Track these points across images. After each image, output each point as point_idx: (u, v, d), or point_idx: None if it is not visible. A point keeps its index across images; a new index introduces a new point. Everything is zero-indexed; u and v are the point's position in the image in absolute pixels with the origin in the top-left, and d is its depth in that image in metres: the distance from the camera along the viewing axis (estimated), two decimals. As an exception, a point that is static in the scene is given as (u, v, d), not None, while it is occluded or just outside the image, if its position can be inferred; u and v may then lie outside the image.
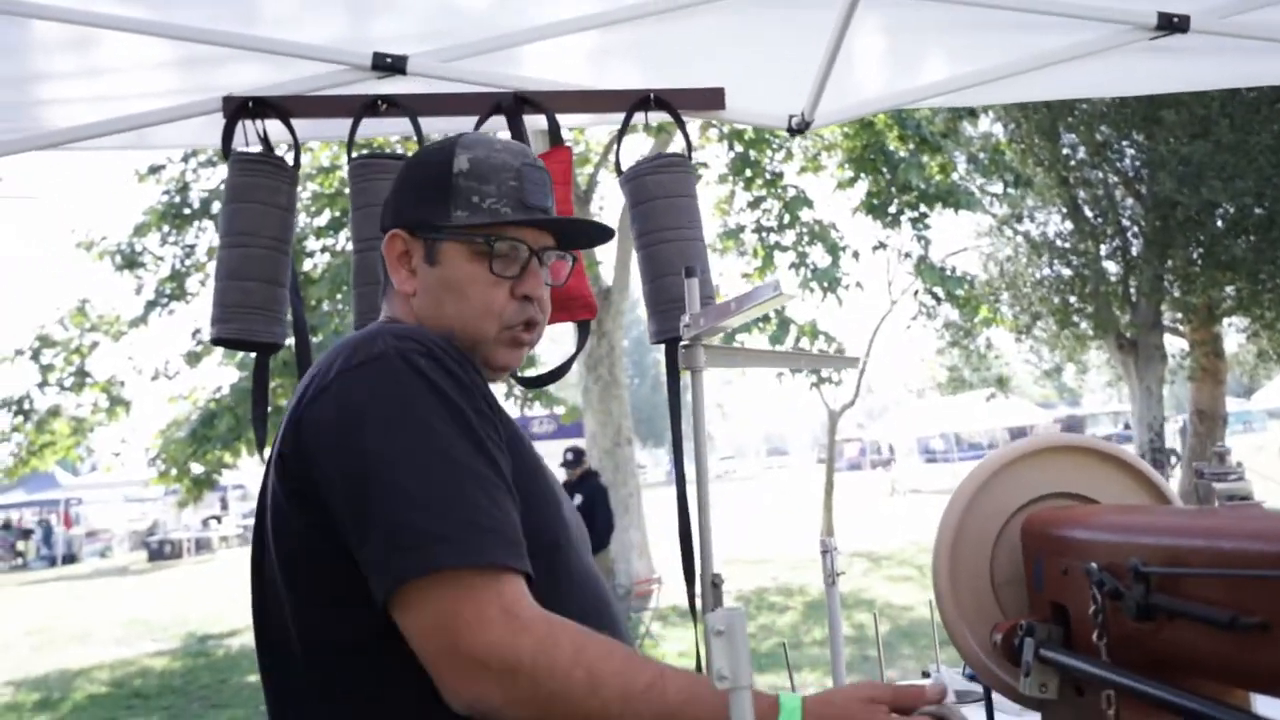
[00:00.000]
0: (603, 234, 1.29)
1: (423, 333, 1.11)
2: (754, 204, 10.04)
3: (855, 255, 9.92)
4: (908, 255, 10.32)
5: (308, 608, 1.07)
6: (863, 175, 9.66)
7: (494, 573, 0.97)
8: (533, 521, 1.06)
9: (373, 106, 2.08)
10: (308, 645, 1.07)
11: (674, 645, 7.37)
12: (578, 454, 7.74)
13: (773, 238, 9.88)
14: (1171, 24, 2.18)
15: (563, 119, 2.15)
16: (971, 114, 10.43)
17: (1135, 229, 12.97)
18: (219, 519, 27.83)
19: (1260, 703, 0.92)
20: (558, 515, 1.14)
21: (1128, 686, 0.85)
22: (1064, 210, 13.39)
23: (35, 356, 10.11)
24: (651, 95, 2.13)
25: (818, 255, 9.67)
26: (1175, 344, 14.54)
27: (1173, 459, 14.88)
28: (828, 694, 1.02)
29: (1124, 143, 12.54)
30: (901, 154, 9.37)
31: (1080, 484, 1.13)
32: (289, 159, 2.11)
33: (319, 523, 1.03)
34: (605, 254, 10.49)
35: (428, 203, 1.18)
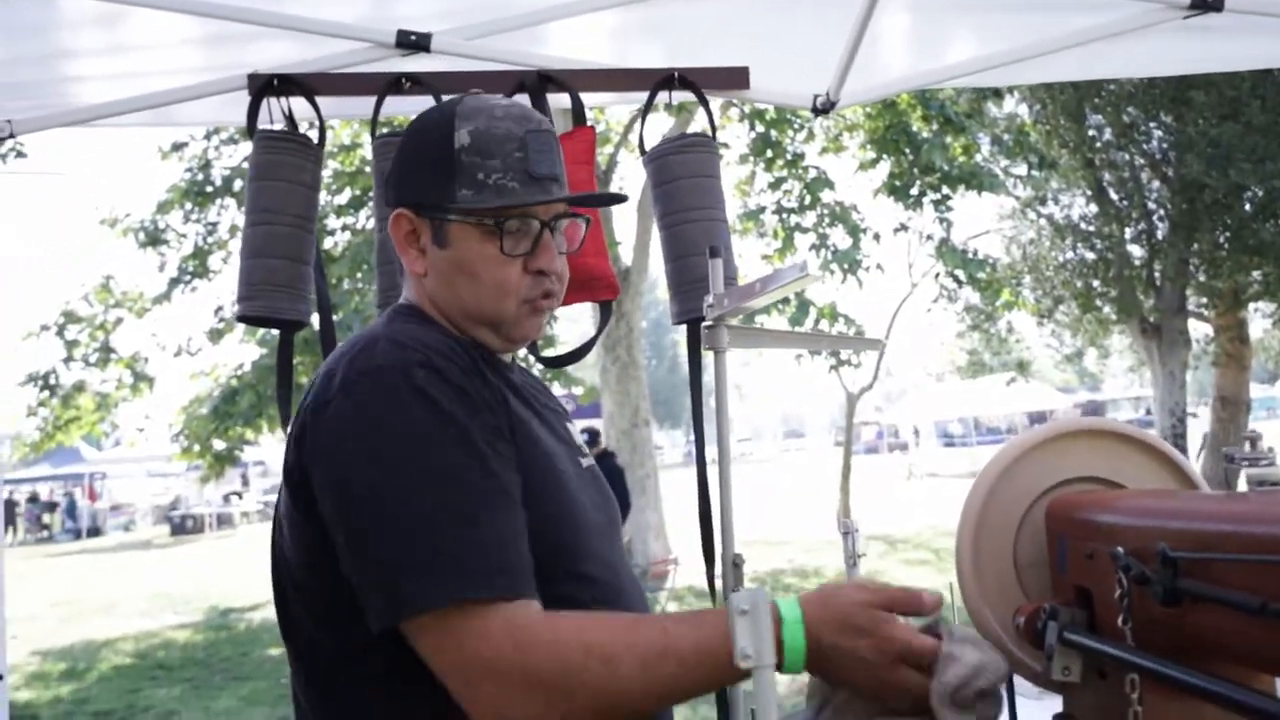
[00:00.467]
0: (614, 199, 1.26)
1: (424, 339, 1.08)
2: (775, 185, 9.98)
3: (876, 237, 9.86)
4: (929, 237, 10.25)
5: (311, 608, 1.09)
6: (885, 156, 9.57)
7: (498, 601, 0.96)
8: (542, 522, 1.05)
9: (396, 85, 2.09)
10: (313, 641, 1.10)
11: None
12: (593, 435, 7.78)
13: (793, 219, 9.83)
14: (1205, 3, 2.14)
15: (586, 98, 2.14)
16: (996, 95, 10.32)
17: (1161, 212, 12.80)
18: (240, 494, 28.16)
19: (1285, 688, 0.91)
20: (569, 513, 1.12)
21: (1153, 670, 0.85)
22: (1089, 193, 13.23)
23: (60, 332, 10.22)
24: (676, 74, 2.12)
25: (838, 237, 9.61)
26: (1199, 329, 14.38)
27: (1203, 441, 14.75)
28: (822, 594, 1.00)
29: (1151, 124, 12.36)
30: (924, 135, 9.28)
31: (1106, 469, 1.12)
32: (313, 136, 2.11)
33: (320, 533, 1.04)
34: (624, 234, 10.49)
35: (431, 182, 1.13)
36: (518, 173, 1.12)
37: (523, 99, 2.11)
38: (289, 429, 1.10)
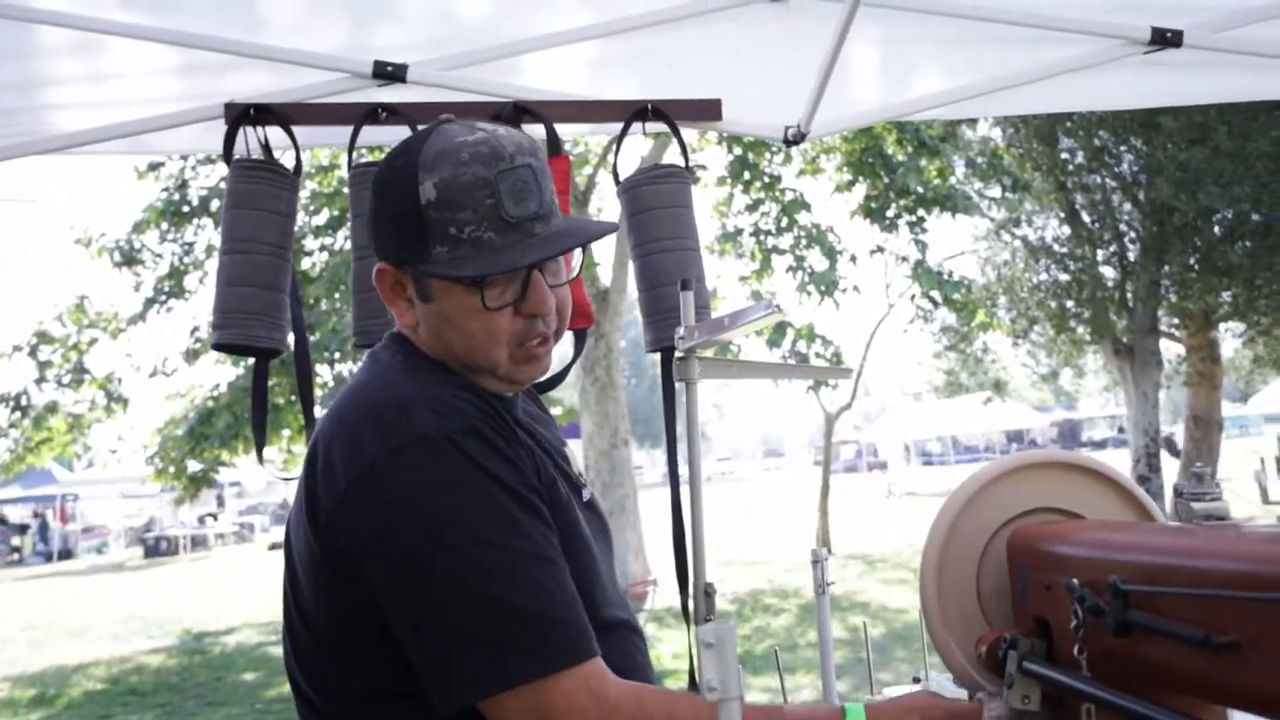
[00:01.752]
0: (602, 231, 1.19)
1: (465, 404, 1.06)
2: (752, 207, 10.06)
3: (853, 259, 9.95)
4: (905, 259, 10.35)
5: (331, 655, 1.08)
6: (861, 179, 9.68)
7: (576, 666, 0.98)
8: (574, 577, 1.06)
9: (373, 114, 2.10)
10: (330, 686, 1.10)
11: (668, 647, 7.39)
12: None
13: (770, 241, 9.90)
14: (1165, 39, 2.20)
15: (561, 128, 2.17)
16: (970, 119, 10.46)
17: (1132, 234, 13.01)
18: (215, 516, 27.88)
19: (1236, 717, 0.94)
20: (590, 569, 1.13)
21: (1106, 700, 0.87)
22: (1062, 215, 13.43)
23: (33, 353, 10.11)
24: (649, 105, 2.16)
25: (815, 259, 9.69)
26: (1171, 349, 14.60)
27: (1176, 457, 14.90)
28: (884, 705, 1.06)
29: (1122, 148, 12.58)
30: (900, 158, 9.40)
31: (1066, 499, 1.15)
32: (290, 165, 2.13)
33: (364, 601, 1.02)
34: (603, 256, 10.52)
35: (404, 239, 1.09)
36: (492, 221, 1.05)
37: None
38: (310, 492, 1.06)
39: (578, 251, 1.18)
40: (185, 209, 9.84)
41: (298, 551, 1.10)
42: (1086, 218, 13.31)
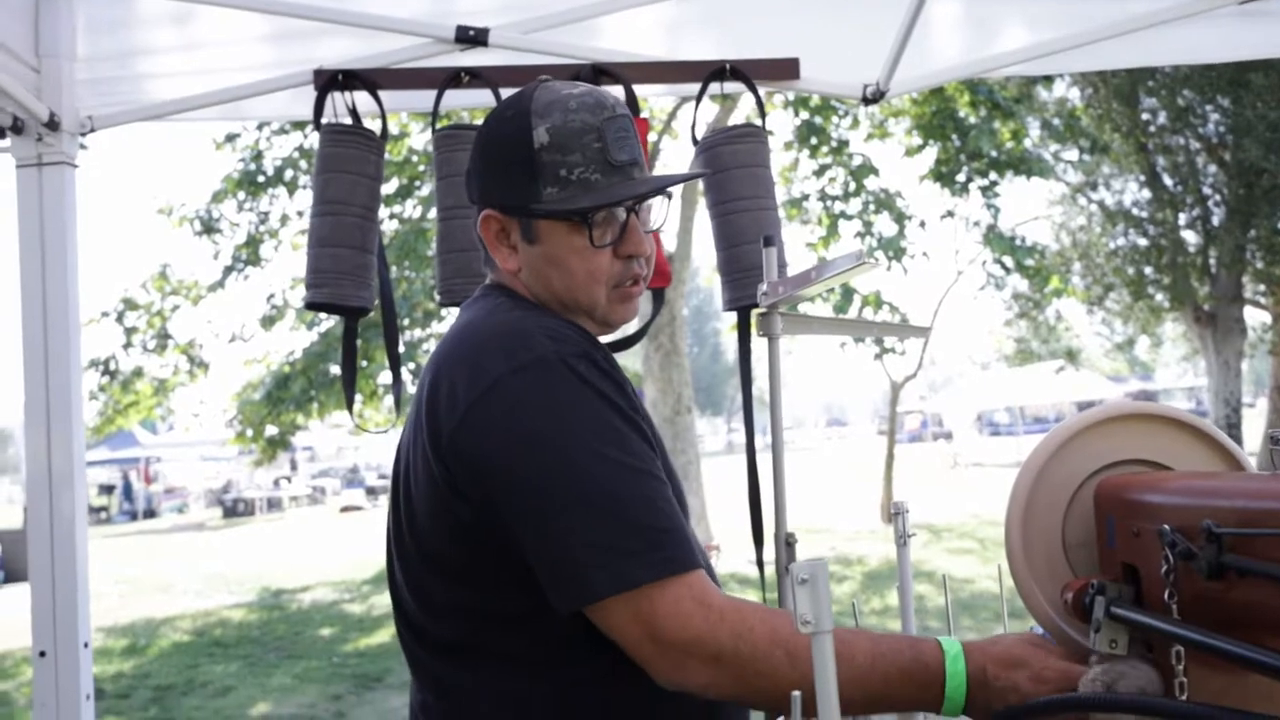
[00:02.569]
0: (695, 176, 1.36)
1: (573, 333, 1.13)
2: (819, 172, 9.95)
3: (922, 224, 9.79)
4: (976, 224, 10.15)
5: (456, 586, 1.13)
6: (931, 142, 9.49)
7: (683, 574, 1.03)
8: None
9: (456, 79, 2.15)
10: (454, 618, 1.14)
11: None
12: None
13: (838, 206, 9.79)
14: (1262, -12, 2.13)
15: (640, 89, 2.19)
16: (1046, 79, 10.15)
17: (1217, 197, 12.53)
18: (289, 479, 28.75)
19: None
20: (681, 499, 1.17)
21: (1199, 641, 0.88)
22: (1141, 178, 12.99)
23: (120, 319, 10.51)
24: (727, 66, 2.16)
25: (883, 224, 9.56)
26: (1256, 317, 14.07)
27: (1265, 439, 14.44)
28: (987, 638, 1.09)
29: (1208, 107, 12.09)
30: (972, 120, 9.18)
31: (1155, 451, 1.15)
32: (376, 129, 2.19)
33: (486, 520, 1.08)
34: (667, 223, 10.50)
35: (515, 183, 1.16)
36: (599, 164, 1.14)
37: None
38: (433, 416, 1.10)
39: (663, 203, 1.25)
40: (260, 179, 10.08)
41: (416, 483, 1.14)
42: (1168, 180, 12.85)
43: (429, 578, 1.15)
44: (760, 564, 2.01)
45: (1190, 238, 12.97)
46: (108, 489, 27.05)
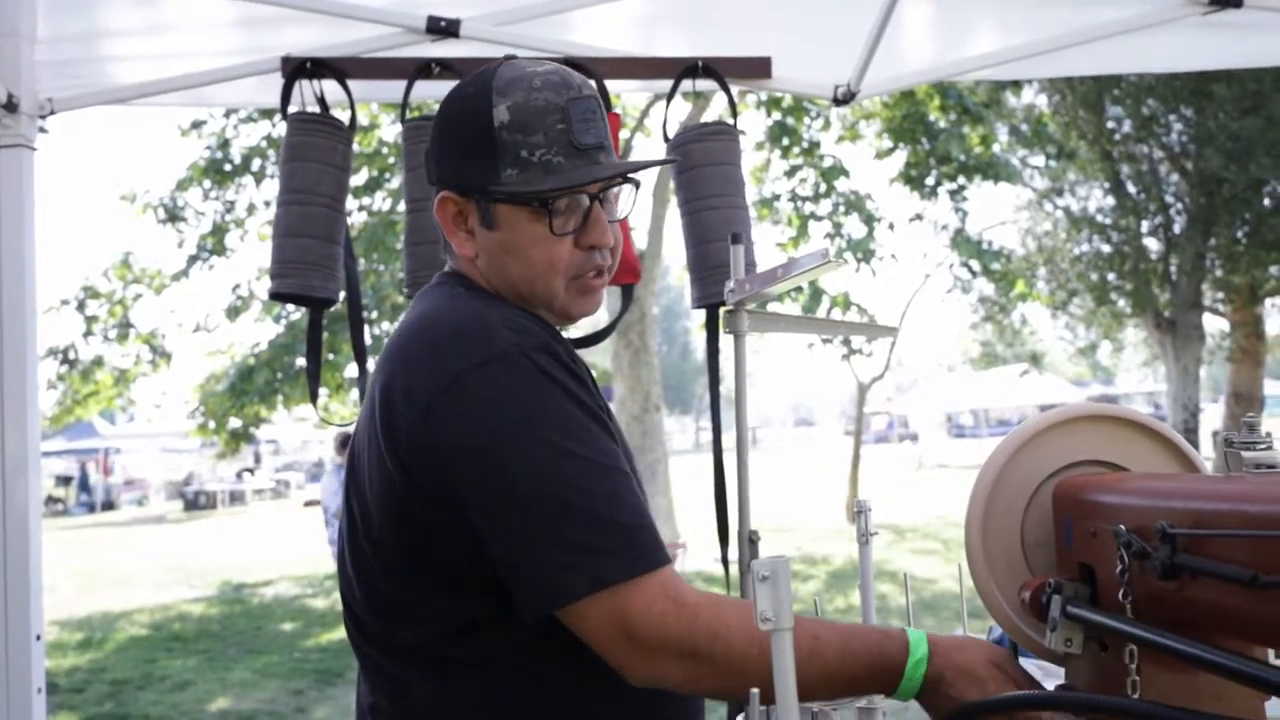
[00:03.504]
0: (662, 162, 1.29)
1: (533, 325, 1.08)
2: (790, 173, 10.00)
3: (891, 226, 9.87)
4: (944, 227, 10.26)
5: (416, 590, 1.08)
6: (901, 145, 9.58)
7: (654, 571, 1.01)
8: None
9: (427, 69, 2.13)
10: (413, 622, 1.09)
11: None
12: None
13: (808, 207, 9.85)
14: None
15: (611, 85, 2.19)
16: (1015, 85, 10.27)
17: (1179, 206, 12.74)
18: (252, 471, 28.41)
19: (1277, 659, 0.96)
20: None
21: (1151, 640, 0.90)
22: (1106, 185, 13.17)
23: (80, 307, 10.32)
24: (700, 63, 2.16)
25: (853, 225, 9.63)
26: (1214, 324, 14.33)
27: (1214, 438, 14.70)
28: (958, 639, 1.09)
29: (1171, 117, 12.29)
30: (942, 124, 9.28)
31: (1112, 453, 1.16)
32: (344, 119, 2.16)
33: (446, 522, 1.04)
34: (638, 220, 10.51)
35: (473, 163, 1.10)
36: (562, 145, 1.08)
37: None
38: (389, 414, 1.06)
39: (630, 192, 1.20)
40: (227, 167, 9.95)
41: (371, 482, 1.09)
42: (1132, 188, 13.05)
43: (384, 579, 1.10)
44: (725, 562, 2.02)
45: (1152, 245, 13.19)
46: (65, 480, 26.57)
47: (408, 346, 1.09)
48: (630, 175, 1.16)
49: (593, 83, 1.16)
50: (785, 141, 9.61)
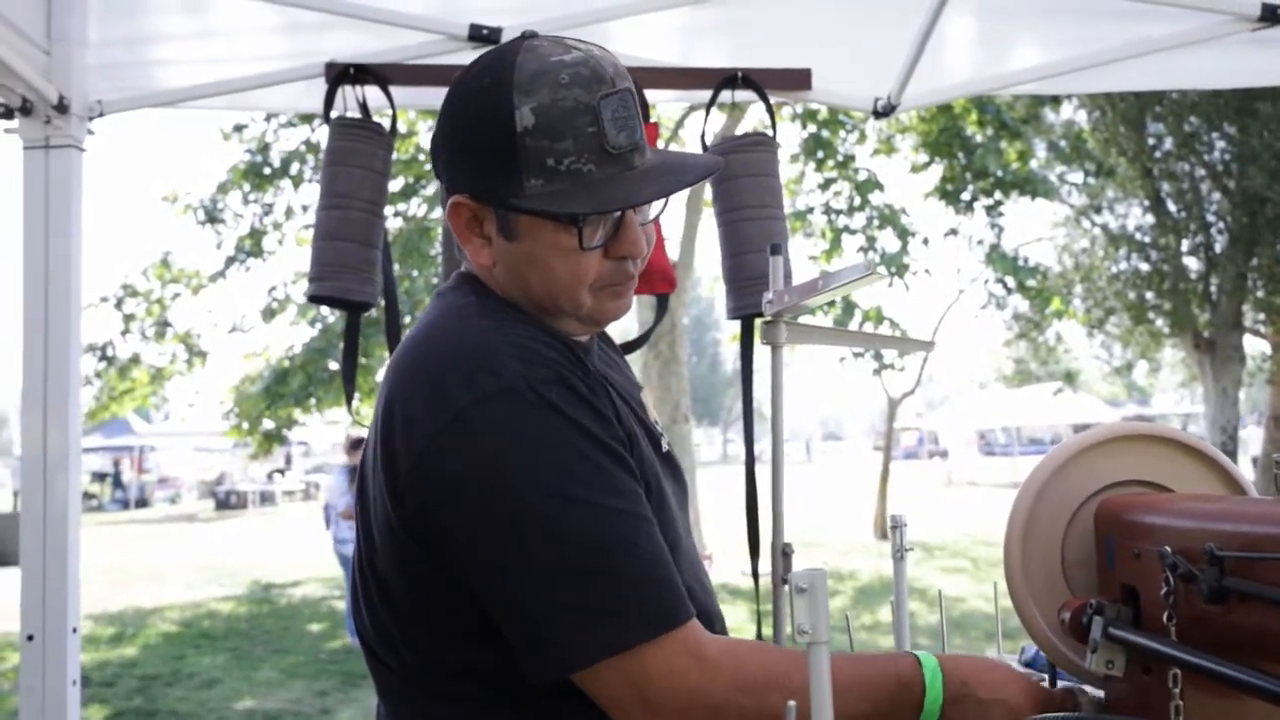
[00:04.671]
0: (707, 171, 1.08)
1: (548, 350, 0.98)
2: (824, 185, 9.96)
3: (925, 241, 9.80)
4: (980, 243, 10.17)
5: (416, 630, 1.02)
6: (937, 159, 9.51)
7: (675, 628, 0.93)
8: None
9: (467, 76, 2.15)
10: (414, 657, 1.03)
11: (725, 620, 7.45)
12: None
13: (842, 220, 9.80)
14: (1275, 15, 2.13)
15: (651, 95, 2.19)
16: (1054, 100, 10.18)
17: (1220, 225, 12.55)
18: (283, 473, 28.69)
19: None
20: (671, 528, 1.06)
21: (1197, 664, 0.88)
22: (1146, 203, 13.00)
23: (119, 305, 10.49)
24: (739, 74, 2.16)
25: (887, 240, 9.58)
26: (1255, 346, 14.08)
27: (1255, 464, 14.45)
28: (954, 655, 1.04)
29: (1214, 134, 12.11)
30: (979, 139, 9.21)
31: (1155, 473, 1.14)
32: (385, 125, 2.19)
33: (440, 564, 0.96)
34: (670, 230, 10.51)
35: (493, 171, 0.97)
36: (593, 150, 0.96)
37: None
38: (388, 445, 0.98)
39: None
40: (266, 171, 10.09)
41: (374, 513, 1.02)
42: (1172, 206, 12.87)
43: (382, 607, 1.03)
44: (755, 574, 2.01)
45: (1192, 264, 13.00)
46: (100, 476, 26.98)
47: (410, 371, 1.00)
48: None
49: (624, 68, 1.01)
50: (820, 154, 9.58)
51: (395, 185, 10.05)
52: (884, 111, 2.32)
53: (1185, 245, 12.94)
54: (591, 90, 0.96)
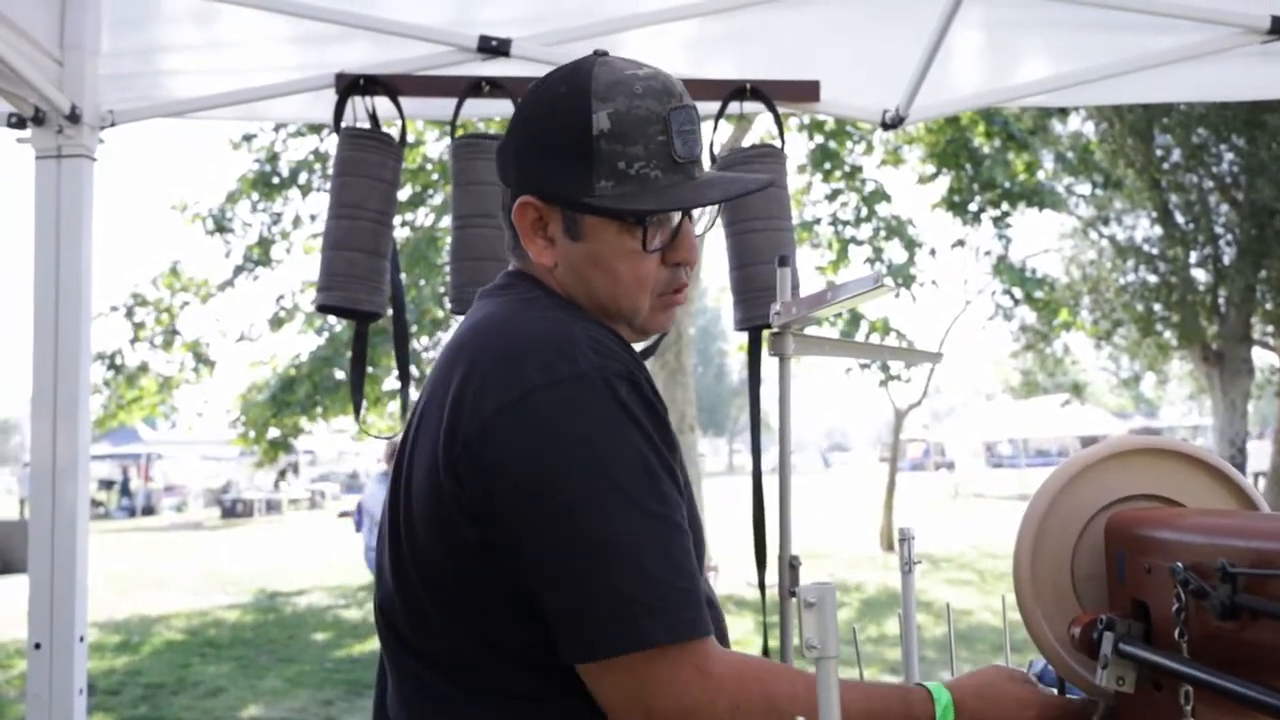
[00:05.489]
0: (765, 185, 1.16)
1: (619, 348, 1.02)
2: (831, 196, 9.97)
3: (932, 252, 9.79)
4: (987, 254, 10.16)
5: (457, 609, 1.02)
6: (944, 171, 9.52)
7: (689, 642, 0.94)
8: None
9: (477, 88, 2.16)
10: (450, 640, 1.03)
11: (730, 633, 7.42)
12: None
13: (849, 231, 9.80)
14: (1284, 29, 2.13)
15: (659, 105, 2.19)
16: (1061, 112, 10.19)
17: (1229, 237, 12.53)
18: (284, 475, 28.67)
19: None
20: (700, 538, 1.08)
21: (1209, 682, 0.87)
22: (1153, 214, 13.00)
23: (129, 314, 10.53)
24: (748, 85, 2.17)
25: (894, 250, 9.57)
26: (1263, 358, 14.04)
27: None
28: (975, 677, 1.05)
29: (1222, 146, 12.11)
30: (986, 150, 9.21)
31: (1166, 487, 1.14)
32: (394, 135, 2.19)
33: (495, 543, 0.97)
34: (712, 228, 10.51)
35: (565, 170, 1.02)
36: (661, 159, 1.02)
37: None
38: (453, 425, 0.99)
39: (709, 209, 1.16)
40: (275, 180, 10.13)
41: (418, 488, 1.02)
42: (1180, 218, 12.86)
43: (423, 591, 1.03)
44: (762, 586, 2.00)
45: (1200, 276, 12.98)
46: (107, 484, 27.04)
47: (482, 350, 1.01)
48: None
49: (685, 90, 1.08)
50: (827, 165, 9.59)
51: (403, 195, 10.09)
52: (892, 123, 2.33)
53: (1193, 257, 12.93)
54: (663, 102, 1.03)
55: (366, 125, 2.18)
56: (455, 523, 0.99)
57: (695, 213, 1.12)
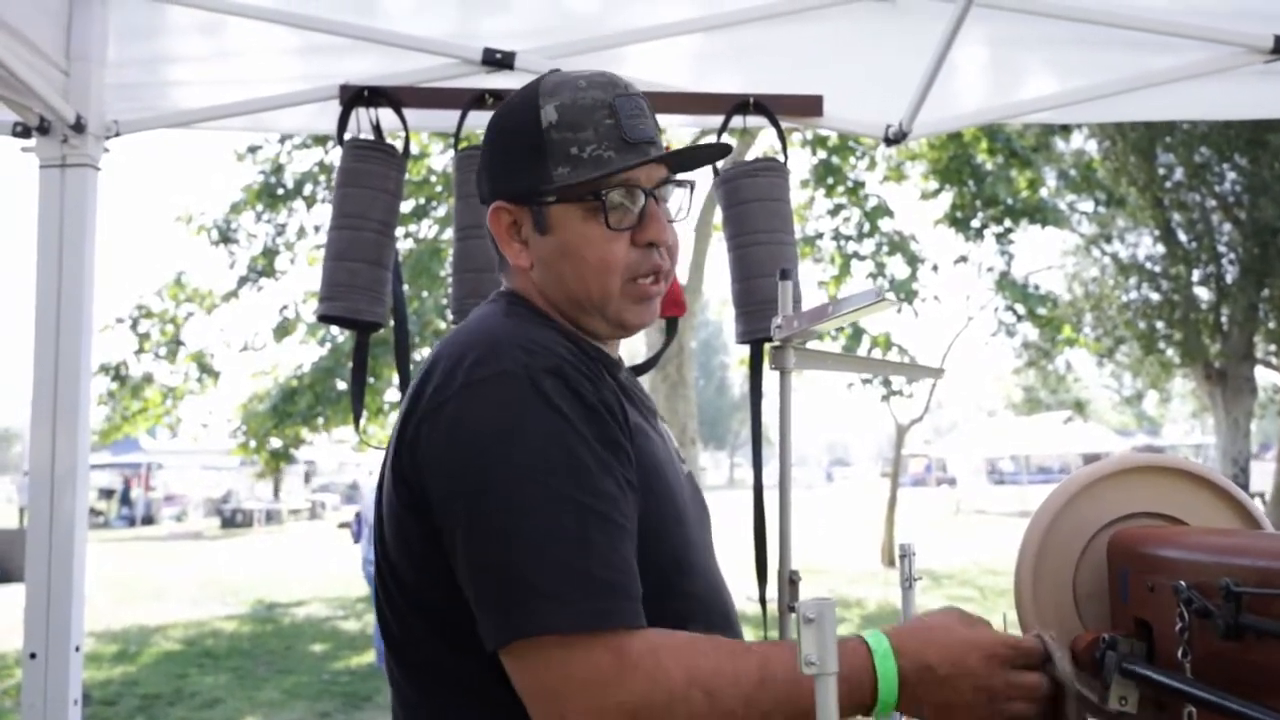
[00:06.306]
0: (720, 152, 1.18)
1: (545, 342, 1.04)
2: (834, 211, 9.98)
3: (934, 268, 9.79)
4: (989, 270, 10.16)
5: (419, 610, 1.05)
6: (947, 187, 9.52)
7: (608, 631, 0.93)
8: (656, 539, 1.03)
9: (481, 100, 2.16)
10: (419, 643, 1.06)
11: (729, 647, 7.39)
12: None
13: (851, 246, 9.81)
14: (1287, 48, 2.13)
15: (663, 119, 2.20)
16: (1064, 129, 10.21)
17: (1231, 255, 12.53)
18: (284, 481, 28.58)
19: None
20: (680, 528, 1.09)
21: (1213, 702, 0.86)
22: (1156, 232, 13.01)
23: (134, 326, 10.53)
24: (751, 100, 2.17)
25: (896, 266, 9.57)
26: (1266, 377, 14.02)
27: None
28: (920, 621, 1.03)
29: (1224, 165, 12.13)
30: (989, 167, 9.22)
31: (1170, 505, 1.13)
32: (398, 146, 2.20)
33: (434, 537, 1.00)
34: (680, 254, 10.52)
35: (525, 167, 1.08)
36: (612, 140, 1.06)
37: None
38: (401, 428, 1.04)
39: (685, 194, 1.17)
40: (280, 191, 10.16)
41: (385, 503, 1.08)
42: (1183, 236, 12.87)
43: (395, 595, 1.07)
44: (763, 601, 1.99)
45: (1203, 294, 12.97)
46: (107, 493, 27.01)
47: (435, 357, 1.07)
48: (680, 175, 1.13)
49: (637, 90, 1.12)
50: (830, 180, 9.60)
51: (406, 206, 10.11)
52: (895, 139, 2.33)
53: (1196, 275, 12.93)
54: (607, 91, 1.08)
55: (370, 136, 2.18)
56: (404, 521, 1.03)
57: (671, 201, 1.14)
